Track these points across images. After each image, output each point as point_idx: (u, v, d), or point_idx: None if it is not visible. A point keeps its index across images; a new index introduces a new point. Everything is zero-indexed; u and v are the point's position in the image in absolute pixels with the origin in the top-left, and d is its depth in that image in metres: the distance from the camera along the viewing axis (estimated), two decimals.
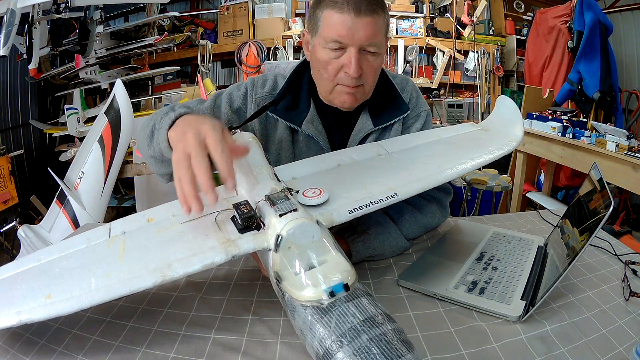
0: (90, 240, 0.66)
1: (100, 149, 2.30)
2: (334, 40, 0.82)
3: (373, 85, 0.91)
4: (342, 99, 0.89)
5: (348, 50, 0.83)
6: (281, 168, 0.78)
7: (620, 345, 0.61)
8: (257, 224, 0.61)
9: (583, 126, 2.28)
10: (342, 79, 0.86)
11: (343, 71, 0.85)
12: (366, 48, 0.83)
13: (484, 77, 3.72)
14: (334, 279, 0.52)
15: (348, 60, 0.83)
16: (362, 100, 0.92)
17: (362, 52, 0.83)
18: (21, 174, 3.05)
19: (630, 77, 3.16)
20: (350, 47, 0.82)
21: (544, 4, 3.68)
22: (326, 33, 0.83)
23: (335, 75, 0.86)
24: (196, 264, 0.58)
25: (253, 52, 3.47)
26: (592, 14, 2.74)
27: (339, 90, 0.88)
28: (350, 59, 0.82)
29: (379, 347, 0.46)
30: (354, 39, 0.81)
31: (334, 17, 0.82)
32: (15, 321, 0.54)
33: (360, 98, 0.91)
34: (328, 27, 0.83)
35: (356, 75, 0.83)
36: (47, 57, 2.88)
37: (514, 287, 0.73)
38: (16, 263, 0.64)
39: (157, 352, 0.60)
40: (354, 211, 0.65)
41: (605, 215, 0.63)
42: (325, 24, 0.83)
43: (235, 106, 0.96)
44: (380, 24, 0.83)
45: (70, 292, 0.56)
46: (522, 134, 0.89)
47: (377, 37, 0.83)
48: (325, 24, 0.83)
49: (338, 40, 0.82)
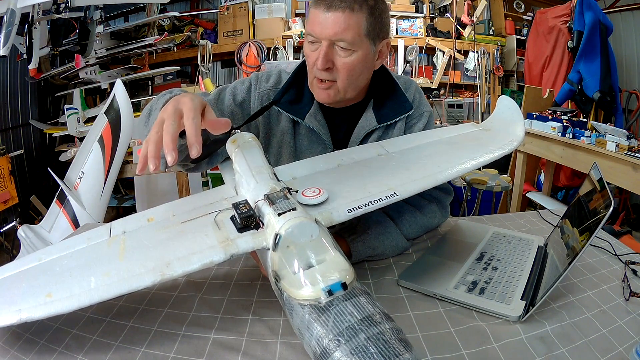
0: (90, 239, 0.66)
1: (100, 149, 2.30)
2: (309, 33, 0.87)
3: (350, 83, 0.90)
4: (316, 92, 0.93)
5: (321, 44, 0.86)
6: (281, 168, 0.78)
7: (620, 345, 0.61)
8: (256, 223, 0.61)
9: (583, 126, 2.28)
10: (316, 72, 0.89)
11: (315, 64, 0.87)
12: (337, 43, 0.85)
13: (484, 77, 3.72)
14: (332, 277, 0.52)
15: (318, 53, 0.86)
16: (339, 98, 0.92)
17: (334, 47, 0.86)
18: (21, 174, 3.05)
19: (630, 77, 3.16)
20: (322, 41, 0.85)
21: (544, 4, 3.68)
22: (307, 27, 0.89)
23: (312, 68, 0.89)
24: (195, 262, 0.58)
25: (253, 52, 3.46)
26: (592, 14, 2.73)
27: (315, 83, 0.92)
28: (319, 52, 0.86)
29: (377, 346, 0.46)
30: (323, 33, 0.84)
31: (312, 12, 0.87)
32: (16, 319, 0.54)
33: (335, 95, 0.91)
34: (308, 21, 0.88)
35: (321, 68, 0.86)
36: (47, 57, 2.88)
37: (514, 287, 0.73)
38: (17, 262, 0.64)
39: (157, 352, 0.60)
40: (353, 210, 0.65)
41: (605, 215, 0.63)
42: (308, 19, 0.90)
43: (239, 99, 0.97)
44: (353, 20, 0.83)
45: (70, 290, 0.56)
46: (523, 134, 0.89)
47: (346, 33, 0.83)
48: (307, 19, 0.91)
49: (310, 33, 0.86)
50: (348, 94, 0.92)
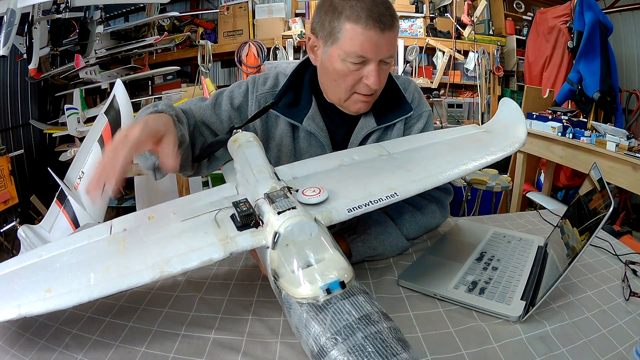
0: (91, 236, 0.66)
1: (101, 149, 2.29)
2: (359, 55, 0.82)
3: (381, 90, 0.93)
4: (357, 106, 0.91)
5: (370, 63, 0.84)
6: (282, 168, 0.78)
7: (620, 345, 0.61)
8: (256, 222, 0.62)
9: (583, 126, 2.28)
10: (361, 89, 0.88)
11: (363, 82, 0.86)
12: (386, 60, 0.86)
13: (484, 77, 3.71)
14: (330, 276, 0.52)
15: (369, 72, 0.84)
16: (371, 105, 0.94)
17: (381, 63, 0.85)
18: (21, 174, 3.05)
19: (630, 77, 3.16)
20: (372, 61, 0.84)
21: (544, 4, 3.68)
22: (349, 47, 0.82)
23: (354, 86, 0.87)
24: (194, 260, 0.58)
25: (253, 52, 3.46)
26: (592, 14, 2.73)
27: (356, 98, 0.90)
28: (372, 71, 0.84)
29: (374, 345, 0.46)
30: (378, 54, 0.83)
31: (359, 32, 0.81)
32: (15, 314, 0.54)
33: (371, 103, 0.93)
34: (351, 41, 0.82)
35: (378, 87, 0.87)
36: (47, 57, 2.88)
37: (514, 287, 0.73)
38: (17, 259, 0.64)
39: (157, 352, 0.60)
40: (353, 210, 0.65)
41: (605, 215, 0.63)
42: (348, 37, 0.82)
43: (236, 103, 0.97)
44: (397, 35, 0.86)
45: (70, 286, 0.56)
46: (525, 136, 0.89)
47: (394, 49, 0.87)
48: (347, 37, 0.82)
49: (363, 55, 0.82)
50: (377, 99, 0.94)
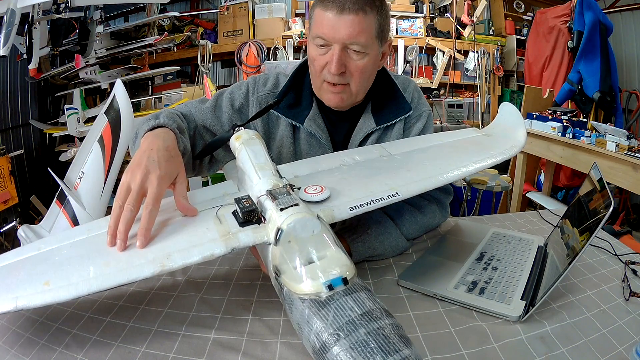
0: (91, 230, 0.66)
1: (100, 149, 2.29)
2: (318, 36, 0.84)
3: (362, 86, 0.90)
4: (327, 96, 0.91)
5: (332, 48, 0.84)
6: (284, 166, 0.78)
7: (620, 345, 0.61)
8: (258, 218, 0.62)
9: (583, 126, 2.28)
10: (327, 76, 0.87)
11: (327, 68, 0.86)
12: (350, 47, 0.84)
13: (484, 77, 3.71)
14: (332, 272, 0.52)
15: (330, 57, 0.84)
16: (350, 102, 0.92)
17: (347, 50, 0.84)
18: (21, 174, 3.05)
19: (630, 77, 3.16)
20: (334, 44, 0.83)
21: (544, 4, 3.68)
22: (314, 30, 0.86)
23: (321, 72, 0.87)
24: (196, 255, 0.58)
25: (253, 52, 3.46)
26: (592, 14, 2.73)
27: (325, 87, 0.90)
28: (332, 56, 0.84)
29: (376, 341, 0.46)
30: (335, 36, 0.82)
31: (320, 14, 0.84)
32: (12, 307, 0.53)
33: (347, 99, 0.90)
34: (315, 24, 0.85)
35: (336, 72, 0.84)
36: (47, 57, 2.87)
37: (514, 287, 0.73)
38: (16, 251, 0.64)
39: (157, 352, 0.60)
40: (355, 209, 0.65)
41: (605, 215, 0.63)
42: (314, 21, 0.86)
43: (237, 105, 0.97)
44: (366, 23, 0.83)
45: (68, 279, 0.56)
46: (524, 140, 0.89)
47: (360, 36, 0.83)
48: (314, 21, 0.86)
49: (321, 36, 0.84)
50: (359, 96, 0.92)
